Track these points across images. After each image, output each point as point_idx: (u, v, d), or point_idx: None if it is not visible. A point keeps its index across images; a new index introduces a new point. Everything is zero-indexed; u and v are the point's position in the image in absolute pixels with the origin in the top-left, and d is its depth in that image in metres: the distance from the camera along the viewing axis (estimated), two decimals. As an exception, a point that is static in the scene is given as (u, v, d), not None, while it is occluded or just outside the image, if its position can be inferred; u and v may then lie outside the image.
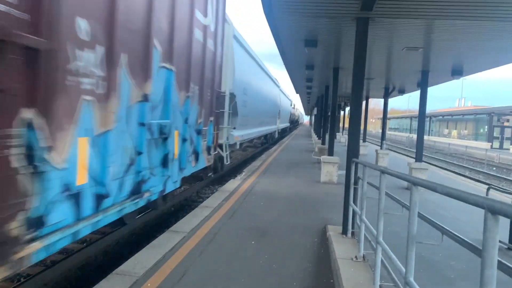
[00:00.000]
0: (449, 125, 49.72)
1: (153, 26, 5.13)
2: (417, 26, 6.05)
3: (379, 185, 3.40)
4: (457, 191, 1.79)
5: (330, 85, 14.84)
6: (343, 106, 32.69)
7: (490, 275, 1.44)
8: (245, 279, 4.01)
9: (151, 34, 5.10)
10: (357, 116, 5.57)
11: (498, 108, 38.33)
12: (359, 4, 5.03)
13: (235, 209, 7.03)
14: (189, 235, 5.35)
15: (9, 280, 4.89)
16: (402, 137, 53.95)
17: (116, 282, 3.76)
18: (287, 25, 6.48)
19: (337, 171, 10.56)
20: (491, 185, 8.29)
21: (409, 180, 2.52)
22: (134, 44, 4.71)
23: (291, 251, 4.92)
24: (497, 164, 25.10)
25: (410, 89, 15.61)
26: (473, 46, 7.18)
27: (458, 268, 4.64)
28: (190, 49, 6.92)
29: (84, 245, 5.99)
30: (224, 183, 10.98)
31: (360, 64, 5.36)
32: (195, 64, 7.30)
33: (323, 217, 6.66)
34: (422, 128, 10.82)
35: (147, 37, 5.05)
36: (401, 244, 2.78)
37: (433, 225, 3.42)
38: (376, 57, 8.82)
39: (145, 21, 4.99)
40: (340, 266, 4.11)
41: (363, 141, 22.01)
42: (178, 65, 6.28)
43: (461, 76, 10.16)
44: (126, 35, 4.48)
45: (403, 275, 2.45)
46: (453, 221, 6.96)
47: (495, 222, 1.44)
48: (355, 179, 5.24)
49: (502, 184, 17.57)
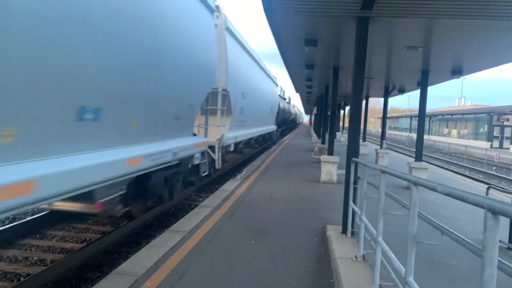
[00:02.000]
0: (449, 124, 49.72)
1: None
2: (417, 25, 6.04)
3: (379, 184, 3.39)
4: (457, 190, 1.79)
5: (330, 85, 14.84)
6: (343, 105, 32.66)
7: (490, 275, 1.44)
8: (245, 278, 4.01)
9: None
10: (357, 115, 5.56)
11: (498, 108, 38.30)
12: (359, 4, 5.02)
13: (235, 208, 7.03)
14: (189, 235, 5.35)
15: (9, 280, 4.90)
16: (402, 137, 53.95)
17: (116, 282, 3.76)
18: (287, 24, 6.48)
19: (337, 170, 10.56)
20: (491, 185, 8.28)
21: (409, 179, 2.52)
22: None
23: (291, 251, 4.92)
24: (497, 163, 25.09)
25: (410, 88, 15.60)
26: (473, 45, 7.17)
27: (458, 268, 4.63)
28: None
29: (84, 245, 5.99)
30: (223, 182, 10.98)
31: (360, 64, 5.36)
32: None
33: (323, 217, 6.66)
34: (422, 127, 10.82)
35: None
36: (401, 243, 2.78)
37: (432, 225, 3.42)
38: (376, 56, 8.82)
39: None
40: (340, 266, 4.11)
41: (363, 141, 22.00)
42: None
43: (461, 75, 10.16)
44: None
45: (403, 275, 2.44)
46: (452, 220, 6.96)
47: (495, 222, 1.43)
48: (355, 179, 5.23)
49: (502, 184, 17.57)
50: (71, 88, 3.90)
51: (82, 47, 3.92)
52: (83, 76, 4.03)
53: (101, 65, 4.32)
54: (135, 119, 5.51)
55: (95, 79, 4.27)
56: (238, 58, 12.94)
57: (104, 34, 4.27)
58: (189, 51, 7.16)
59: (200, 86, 8.20)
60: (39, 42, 3.34)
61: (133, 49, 4.98)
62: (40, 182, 3.51)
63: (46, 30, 3.40)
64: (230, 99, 11.39)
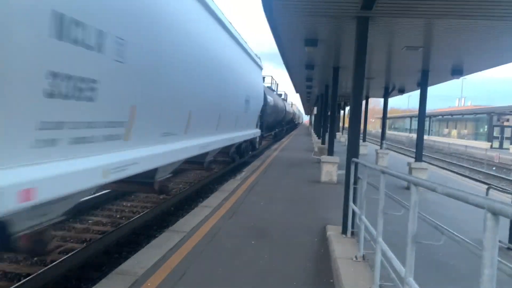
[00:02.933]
0: (449, 124, 49.72)
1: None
2: (417, 25, 6.04)
3: (379, 185, 3.40)
4: (457, 191, 1.79)
5: (330, 85, 14.83)
6: (343, 105, 32.64)
7: (490, 275, 1.44)
8: (245, 278, 4.01)
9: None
10: (357, 116, 5.57)
11: (498, 108, 38.32)
12: (359, 4, 5.03)
13: (235, 208, 7.03)
14: (189, 235, 5.35)
15: (9, 280, 4.90)
16: (401, 137, 53.96)
17: (116, 282, 3.76)
18: (287, 24, 6.48)
19: (337, 170, 10.56)
20: (491, 185, 8.28)
21: (409, 180, 2.52)
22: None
23: (291, 251, 4.92)
24: (497, 164, 25.09)
25: (410, 88, 15.60)
26: (473, 45, 7.18)
27: (458, 267, 4.63)
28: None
29: (84, 245, 5.99)
30: (224, 182, 10.98)
31: (360, 64, 5.36)
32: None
33: (323, 217, 6.66)
34: (422, 127, 10.81)
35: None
36: (401, 243, 2.78)
37: (432, 225, 3.42)
38: (376, 56, 8.82)
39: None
40: (340, 266, 4.11)
41: (363, 141, 22.00)
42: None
43: (461, 75, 10.15)
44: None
45: (403, 275, 2.45)
46: (452, 220, 6.96)
47: (495, 222, 1.44)
48: (355, 179, 5.24)
49: (502, 184, 17.57)
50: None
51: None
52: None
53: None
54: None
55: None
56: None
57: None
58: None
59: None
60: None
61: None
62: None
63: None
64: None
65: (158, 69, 5.17)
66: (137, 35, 4.51)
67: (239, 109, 11.86)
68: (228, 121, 10.60)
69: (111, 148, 4.34)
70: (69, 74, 3.35)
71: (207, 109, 8.13)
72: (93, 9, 3.61)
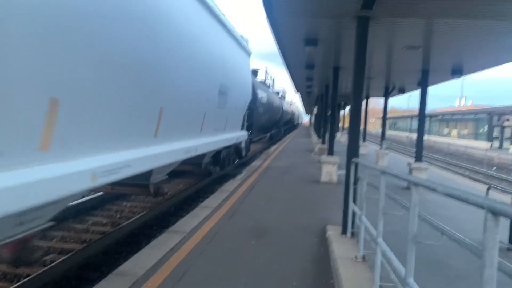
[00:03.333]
0: (449, 124, 49.70)
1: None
2: (417, 25, 6.04)
3: (379, 185, 3.39)
4: (457, 191, 1.79)
5: (330, 85, 14.83)
6: (343, 105, 32.61)
7: (490, 275, 1.44)
8: (245, 279, 4.01)
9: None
10: (357, 116, 5.56)
11: (498, 108, 38.28)
12: (359, 3, 5.02)
13: (235, 209, 7.03)
14: (189, 235, 5.35)
15: (9, 280, 4.90)
16: (401, 137, 53.94)
17: (116, 282, 3.76)
18: (287, 24, 6.48)
19: (337, 171, 10.55)
20: (491, 185, 8.28)
21: (409, 180, 2.52)
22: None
23: (291, 251, 4.91)
24: (497, 164, 25.08)
25: (410, 88, 15.59)
26: (473, 45, 7.17)
27: (458, 267, 4.63)
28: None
29: (84, 245, 5.99)
30: (223, 183, 10.98)
31: (360, 63, 5.35)
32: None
33: (323, 217, 6.66)
34: (422, 127, 10.80)
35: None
36: (401, 243, 2.78)
37: (432, 225, 3.41)
38: (376, 56, 8.82)
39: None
40: (340, 266, 4.11)
41: (363, 141, 22.00)
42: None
43: (461, 75, 10.14)
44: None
45: (403, 276, 2.44)
46: (452, 220, 6.95)
47: (495, 222, 1.43)
48: (355, 179, 5.23)
49: (502, 184, 17.56)
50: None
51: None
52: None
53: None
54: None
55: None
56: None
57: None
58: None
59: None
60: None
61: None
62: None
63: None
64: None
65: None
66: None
67: (208, 103, 8.14)
68: (182, 121, 6.82)
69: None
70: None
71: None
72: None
